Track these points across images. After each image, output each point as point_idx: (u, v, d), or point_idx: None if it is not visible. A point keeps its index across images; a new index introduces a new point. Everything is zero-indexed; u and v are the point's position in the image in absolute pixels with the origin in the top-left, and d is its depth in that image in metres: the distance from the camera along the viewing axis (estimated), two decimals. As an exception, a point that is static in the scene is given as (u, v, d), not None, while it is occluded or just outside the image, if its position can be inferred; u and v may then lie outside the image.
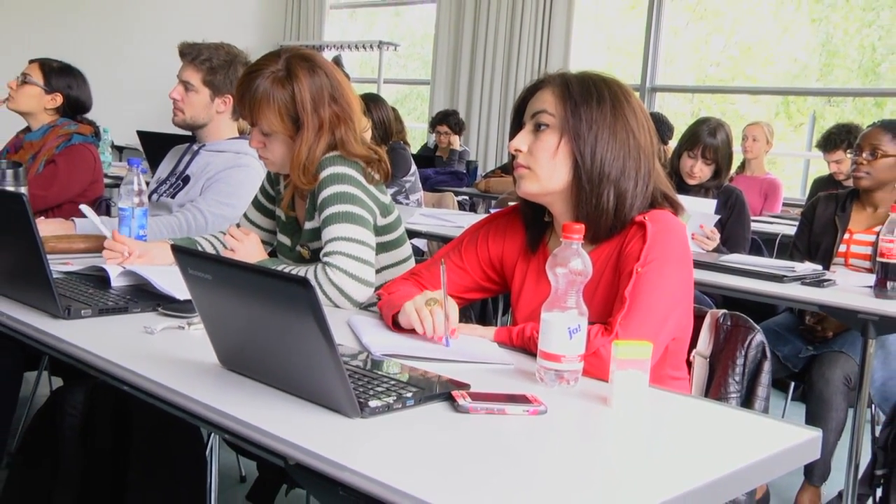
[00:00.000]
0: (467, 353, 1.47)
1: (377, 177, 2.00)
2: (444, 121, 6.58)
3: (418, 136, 8.19)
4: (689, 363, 1.69)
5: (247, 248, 2.01)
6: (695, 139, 3.33)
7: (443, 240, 3.31)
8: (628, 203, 1.54)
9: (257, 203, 2.25)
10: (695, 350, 1.70)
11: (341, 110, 1.97)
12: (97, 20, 7.41)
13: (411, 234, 2.55)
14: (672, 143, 5.08)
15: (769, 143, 5.36)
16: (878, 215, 2.94)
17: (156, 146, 3.62)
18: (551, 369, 1.30)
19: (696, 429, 1.22)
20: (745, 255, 3.13)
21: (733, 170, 4.24)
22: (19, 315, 1.56)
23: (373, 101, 4.38)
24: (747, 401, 1.61)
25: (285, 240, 2.14)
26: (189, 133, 2.74)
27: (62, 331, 1.47)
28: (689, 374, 1.69)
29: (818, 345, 2.82)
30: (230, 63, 2.57)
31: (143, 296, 1.73)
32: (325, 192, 1.91)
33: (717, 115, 3.62)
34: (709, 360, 1.69)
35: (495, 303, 3.59)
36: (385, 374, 1.30)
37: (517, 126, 1.62)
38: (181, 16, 7.73)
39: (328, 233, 1.88)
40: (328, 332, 1.06)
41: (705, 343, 1.70)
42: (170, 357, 1.37)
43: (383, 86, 7.80)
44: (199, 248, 2.18)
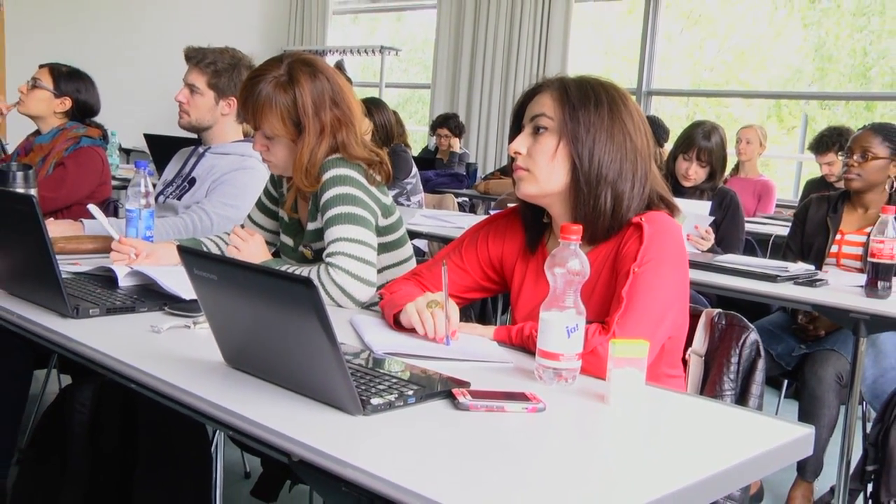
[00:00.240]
0: (467, 351, 1.47)
1: (378, 178, 1.99)
2: (445, 124, 6.58)
3: (419, 138, 8.19)
4: (684, 361, 1.69)
5: (251, 249, 2.00)
6: (690, 142, 3.33)
7: (443, 240, 3.30)
8: (625, 204, 1.54)
9: (261, 205, 2.25)
10: (690, 348, 1.70)
11: (342, 114, 1.97)
12: (106, 26, 7.42)
13: (412, 234, 2.55)
14: (668, 146, 5.08)
15: (762, 146, 5.35)
16: (869, 216, 2.94)
17: (162, 149, 3.62)
18: (550, 367, 1.30)
19: (691, 426, 1.22)
20: (739, 255, 3.13)
21: (727, 172, 4.24)
22: (29, 314, 1.56)
23: (374, 105, 4.39)
24: (742, 398, 1.61)
25: (288, 240, 2.13)
26: (195, 136, 2.74)
27: (71, 330, 1.47)
28: (685, 372, 1.69)
29: (811, 343, 2.82)
30: (234, 66, 2.58)
31: (150, 295, 1.73)
32: (328, 194, 1.91)
33: (711, 119, 3.61)
34: (704, 358, 1.69)
35: (495, 302, 3.59)
36: (387, 373, 1.30)
37: (516, 129, 1.62)
38: (187, 22, 7.73)
39: (331, 233, 1.88)
40: (331, 330, 1.06)
41: (700, 342, 1.70)
42: (176, 356, 1.37)
43: (385, 89, 7.80)
44: (205, 248, 2.18)
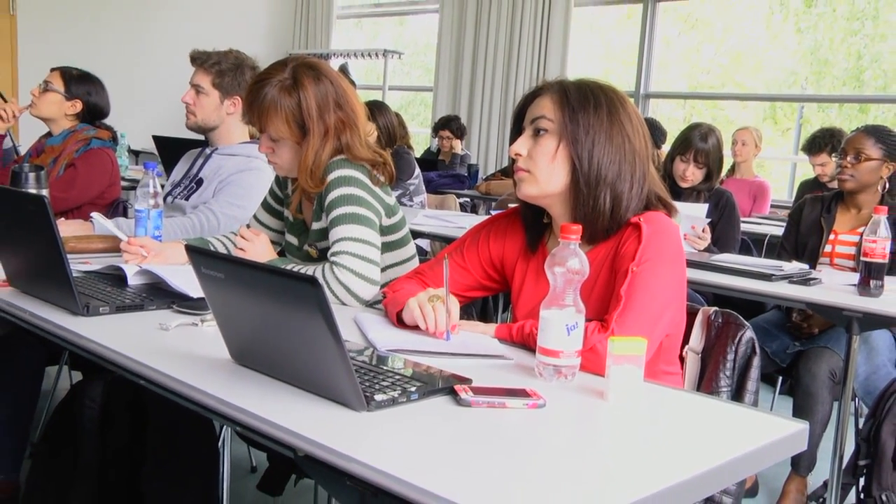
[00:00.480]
0: (469, 346, 1.47)
1: (382, 179, 1.99)
2: (447, 126, 6.58)
3: (422, 140, 8.18)
4: (681, 358, 1.69)
5: (257, 248, 2.00)
6: (687, 144, 3.33)
7: (445, 240, 3.30)
8: (624, 205, 1.54)
9: (266, 205, 2.25)
10: (687, 346, 1.69)
11: (346, 116, 1.97)
12: (116, 31, 7.42)
13: (415, 234, 2.54)
14: (665, 148, 5.07)
15: (758, 148, 5.34)
16: (862, 216, 2.93)
17: (170, 150, 3.62)
18: (550, 364, 1.30)
19: (688, 421, 1.22)
20: (735, 254, 3.12)
21: (723, 173, 4.23)
22: (41, 312, 1.57)
23: (377, 108, 4.39)
24: (737, 394, 1.61)
25: (293, 240, 2.13)
26: (202, 137, 2.75)
27: (81, 327, 1.47)
28: (682, 368, 1.69)
29: (805, 341, 2.82)
30: (238, 66, 2.60)
31: (159, 294, 1.73)
32: (333, 194, 1.91)
33: (707, 121, 3.59)
34: (701, 355, 1.69)
35: (496, 300, 3.58)
36: (390, 369, 1.30)
37: (517, 131, 1.62)
38: (195, 26, 7.73)
39: (335, 233, 1.87)
40: (335, 328, 1.05)
41: (697, 339, 1.70)
42: (184, 352, 1.37)
43: (388, 92, 7.80)
44: (212, 247, 2.18)
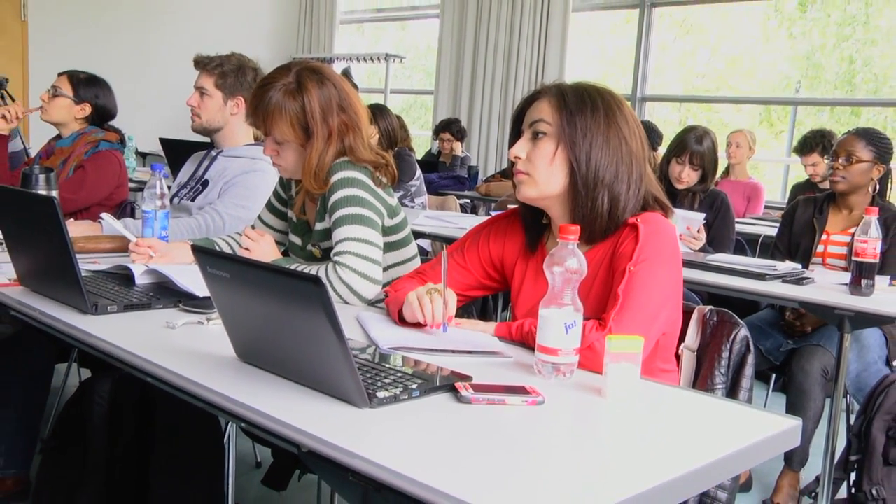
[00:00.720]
0: (470, 343, 1.46)
1: (385, 180, 1.99)
2: (447, 128, 6.58)
3: (423, 142, 8.18)
4: (677, 356, 1.69)
5: (262, 248, 2.00)
6: (683, 146, 3.32)
7: (446, 240, 3.30)
8: (621, 206, 1.53)
9: (271, 206, 2.25)
10: (683, 344, 1.69)
11: (349, 119, 1.97)
12: (124, 37, 7.42)
13: (416, 234, 2.54)
14: (661, 150, 5.07)
15: (752, 150, 5.34)
16: (853, 217, 2.93)
17: (177, 152, 3.62)
18: (549, 362, 1.30)
19: (684, 418, 1.22)
20: (729, 254, 3.13)
21: (718, 174, 4.23)
22: (51, 311, 1.57)
23: (378, 111, 4.38)
24: (732, 392, 1.61)
25: (296, 240, 2.13)
26: (208, 139, 2.75)
27: (90, 325, 1.47)
28: (678, 366, 1.68)
29: (797, 339, 2.82)
30: (239, 68, 2.61)
31: (165, 293, 1.73)
32: (336, 195, 1.90)
33: (703, 123, 3.59)
34: (696, 353, 1.69)
35: (496, 300, 3.58)
36: (392, 367, 1.30)
37: (516, 134, 1.62)
38: (202, 32, 7.73)
39: (338, 233, 1.87)
40: (339, 327, 1.05)
41: (693, 337, 1.69)
42: (190, 350, 1.37)
43: (390, 95, 7.79)
44: (217, 248, 2.18)
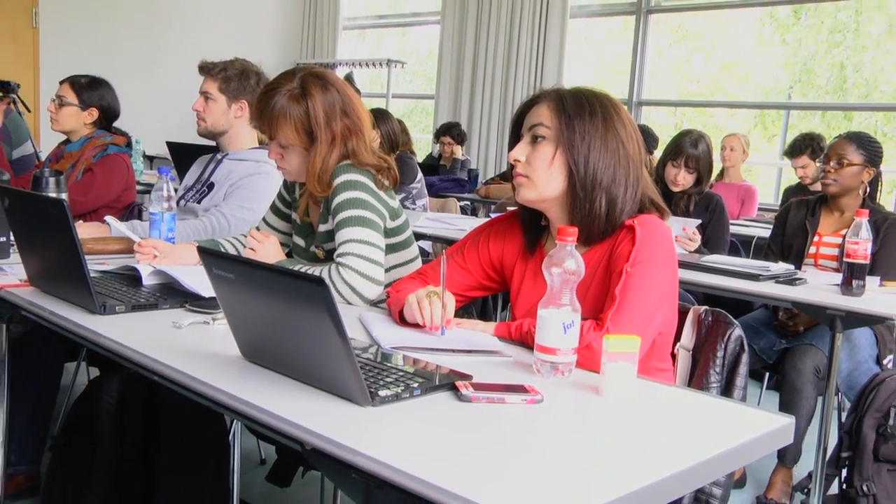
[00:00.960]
0: (470, 343, 1.46)
1: (387, 183, 1.99)
2: (448, 132, 6.57)
3: (424, 146, 8.18)
4: (673, 356, 1.69)
5: (266, 250, 2.00)
6: (678, 149, 3.32)
7: (447, 242, 3.29)
8: (619, 208, 1.53)
9: (275, 208, 2.25)
10: (679, 343, 1.69)
11: (352, 123, 1.97)
12: (131, 42, 7.42)
13: (417, 236, 2.54)
14: (657, 153, 5.07)
15: (745, 153, 5.34)
16: (845, 219, 2.93)
17: (183, 156, 3.62)
18: (547, 361, 1.30)
19: (680, 416, 1.21)
20: (724, 255, 3.12)
21: (713, 177, 4.22)
22: (60, 311, 1.57)
23: (380, 116, 4.37)
24: (727, 390, 1.61)
25: (300, 241, 2.13)
26: (213, 143, 2.75)
27: (98, 325, 1.47)
28: (674, 365, 1.68)
29: (790, 338, 2.82)
30: (243, 72, 2.63)
31: (172, 293, 1.73)
32: (339, 198, 1.90)
33: (698, 128, 3.59)
34: (691, 352, 1.69)
35: (495, 300, 3.58)
36: (393, 366, 1.30)
37: (515, 138, 1.62)
38: (207, 37, 7.73)
39: (341, 235, 1.87)
40: (341, 327, 1.05)
41: (688, 337, 1.69)
42: (196, 350, 1.37)
43: (391, 100, 7.79)
44: (223, 249, 2.18)
